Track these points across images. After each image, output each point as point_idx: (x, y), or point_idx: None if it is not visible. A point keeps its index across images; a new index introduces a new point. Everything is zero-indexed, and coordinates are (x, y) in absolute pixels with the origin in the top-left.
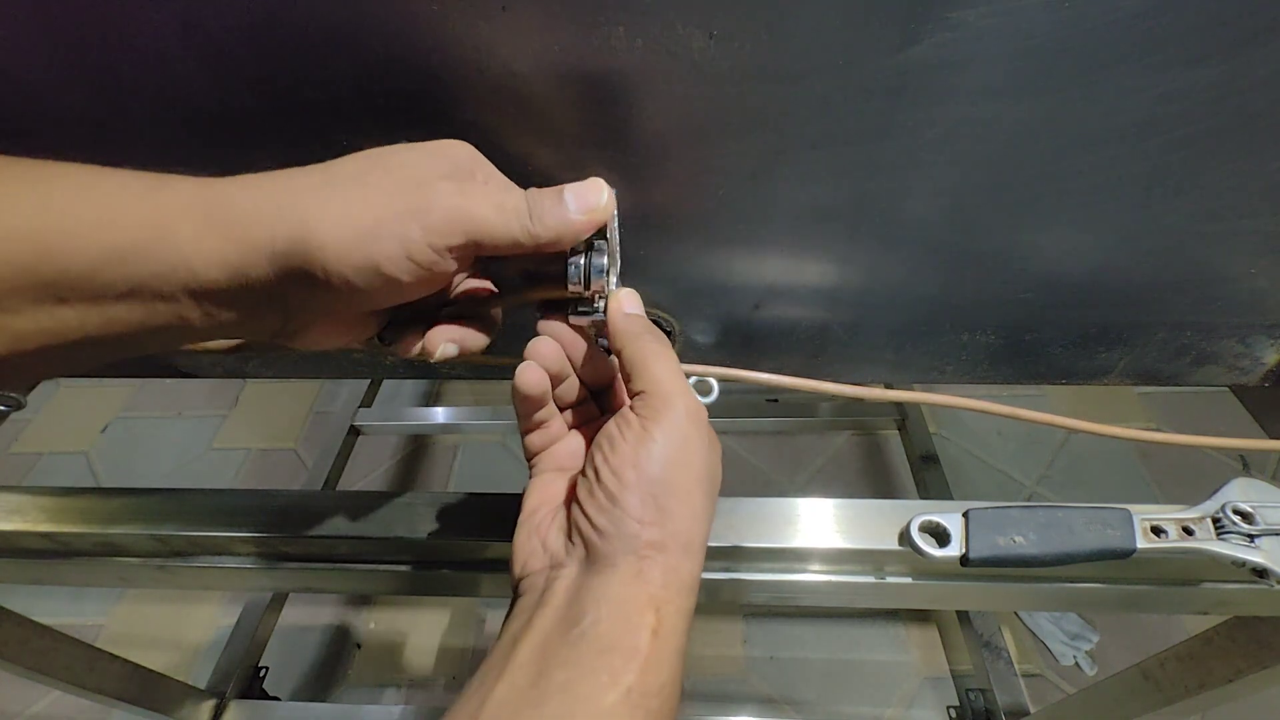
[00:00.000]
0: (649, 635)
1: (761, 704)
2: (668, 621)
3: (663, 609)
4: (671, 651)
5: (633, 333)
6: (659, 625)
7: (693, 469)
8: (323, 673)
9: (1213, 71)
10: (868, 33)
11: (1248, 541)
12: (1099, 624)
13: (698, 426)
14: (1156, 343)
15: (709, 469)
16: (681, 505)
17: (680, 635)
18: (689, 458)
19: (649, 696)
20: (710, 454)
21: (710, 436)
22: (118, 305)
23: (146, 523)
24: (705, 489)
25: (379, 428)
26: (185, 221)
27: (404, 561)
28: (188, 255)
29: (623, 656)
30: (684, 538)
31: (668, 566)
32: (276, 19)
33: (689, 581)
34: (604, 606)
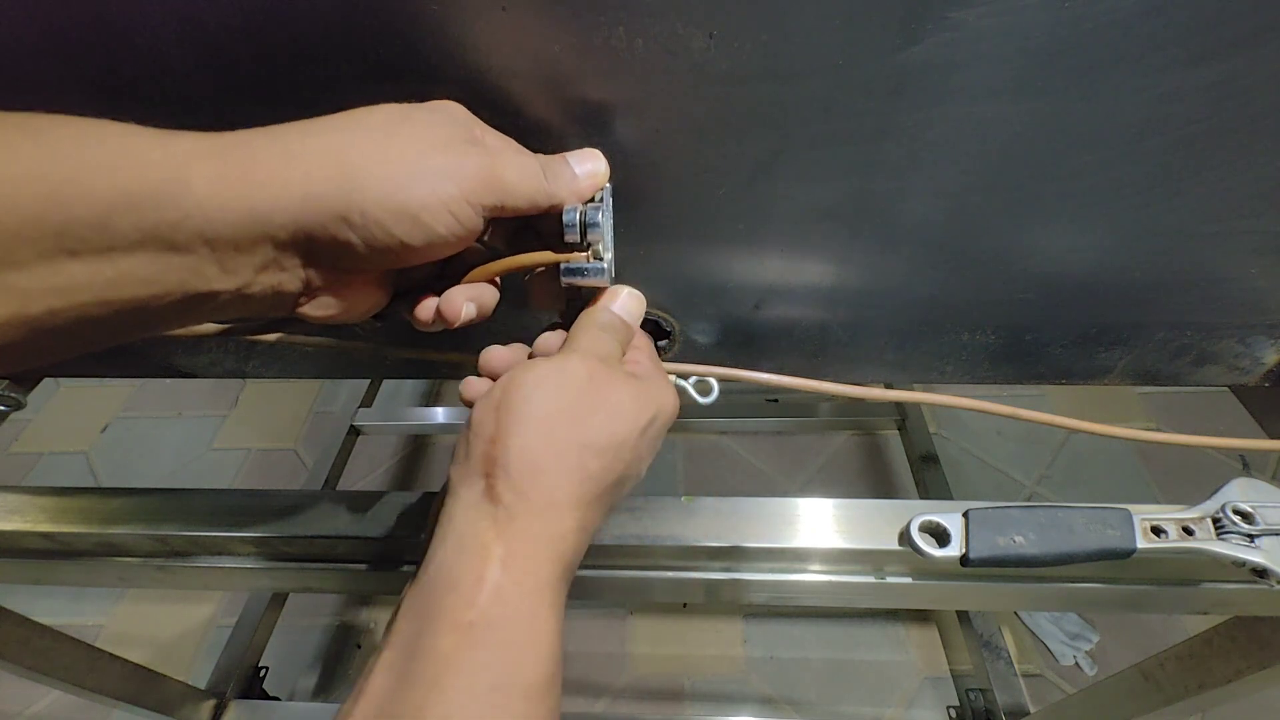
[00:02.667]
0: (495, 564)
1: (761, 704)
2: (518, 548)
3: (509, 533)
4: (533, 586)
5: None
6: (507, 553)
7: (562, 395)
8: (323, 673)
9: (1213, 71)
10: (868, 33)
11: (1248, 541)
12: (1099, 624)
13: (590, 370)
14: (1156, 343)
15: (591, 401)
16: (533, 425)
17: (545, 569)
18: (560, 385)
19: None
20: (599, 390)
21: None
22: (128, 258)
23: (146, 523)
24: (576, 417)
25: (379, 428)
26: (200, 165)
27: (404, 561)
28: (202, 200)
29: (463, 592)
30: (532, 457)
31: (511, 486)
32: (275, 19)
33: (544, 505)
34: (449, 541)
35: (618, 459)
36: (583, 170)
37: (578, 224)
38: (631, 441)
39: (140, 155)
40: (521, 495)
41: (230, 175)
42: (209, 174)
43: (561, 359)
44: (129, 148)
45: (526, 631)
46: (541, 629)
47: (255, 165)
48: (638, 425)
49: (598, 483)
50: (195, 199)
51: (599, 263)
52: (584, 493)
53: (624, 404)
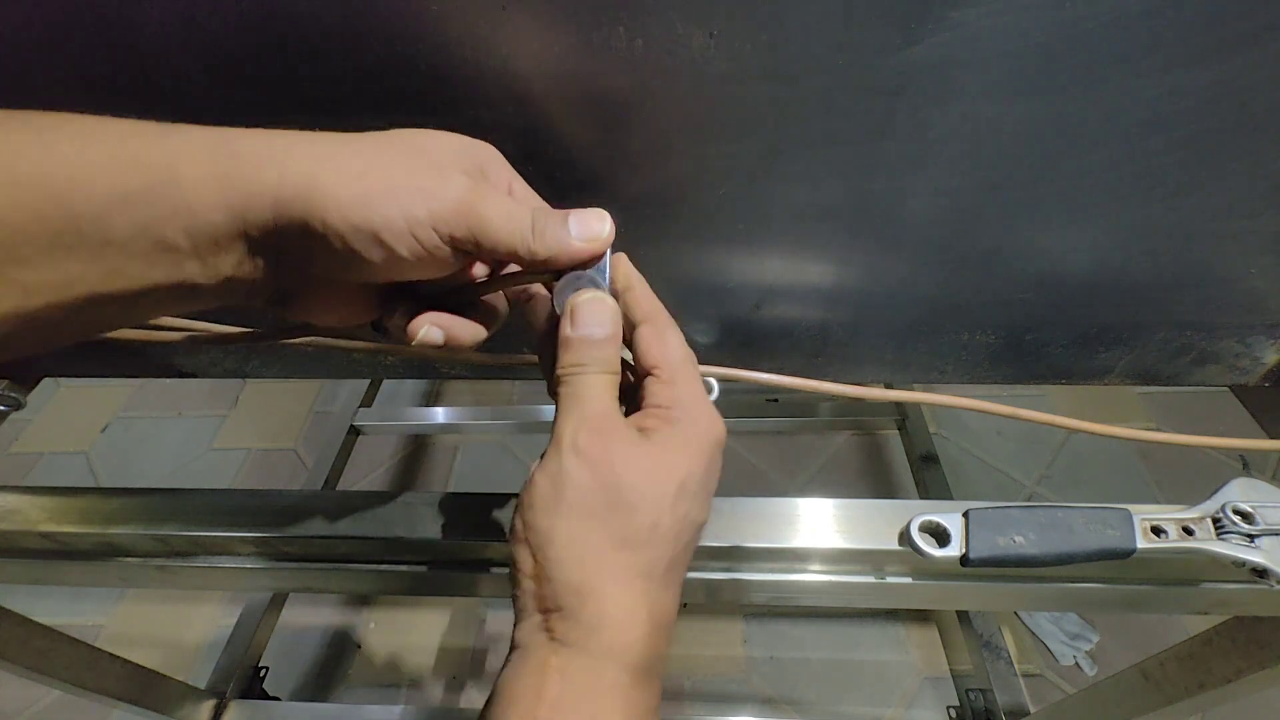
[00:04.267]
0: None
1: (761, 704)
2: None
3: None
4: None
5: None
6: (565, 665)
7: (574, 506)
8: (323, 673)
9: (1213, 71)
10: (868, 33)
11: (1248, 541)
12: (1099, 624)
13: (589, 461)
14: (1156, 343)
15: (607, 497)
16: (562, 550)
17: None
18: (569, 496)
19: None
20: (610, 482)
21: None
22: (121, 253)
23: (146, 523)
24: (599, 523)
25: (379, 428)
26: (190, 162)
27: (404, 561)
28: (190, 197)
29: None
30: (574, 584)
31: (565, 618)
32: (276, 18)
33: (601, 624)
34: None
35: (661, 543)
36: (580, 232)
37: (566, 311)
38: (667, 514)
39: (138, 154)
40: (577, 623)
41: (215, 173)
42: (197, 172)
43: (554, 459)
44: (128, 147)
45: None
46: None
47: (237, 165)
48: (666, 497)
49: (650, 575)
50: (183, 196)
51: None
52: (645, 590)
53: (643, 486)
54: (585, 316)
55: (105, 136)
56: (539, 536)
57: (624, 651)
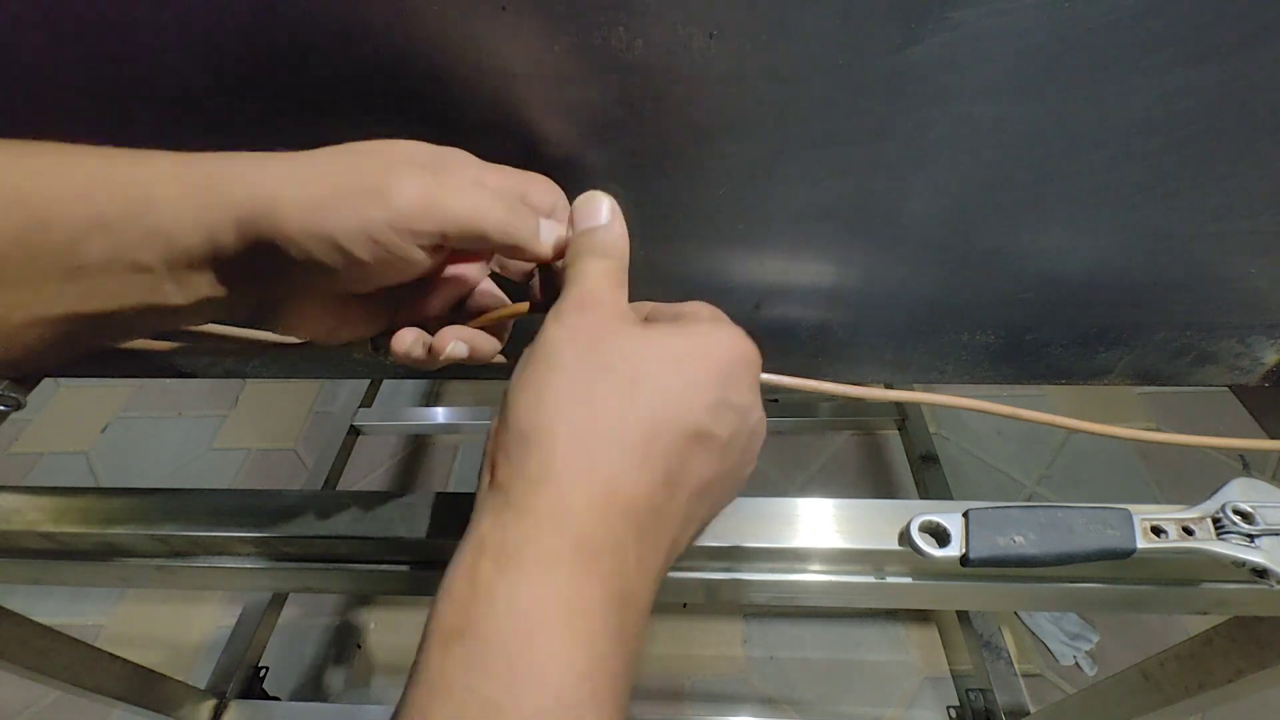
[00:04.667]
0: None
1: (761, 704)
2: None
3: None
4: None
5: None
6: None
7: (550, 355)
8: (323, 673)
9: (1213, 71)
10: (868, 33)
11: (1248, 541)
12: (1099, 624)
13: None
14: (1156, 343)
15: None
16: (524, 394)
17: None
18: (550, 345)
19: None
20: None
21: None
22: (97, 276)
23: (146, 523)
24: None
25: (379, 428)
26: (164, 186)
27: (404, 561)
28: (164, 221)
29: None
30: (525, 426)
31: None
32: (276, 19)
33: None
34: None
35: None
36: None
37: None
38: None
39: (115, 178)
40: (516, 471)
41: (188, 196)
42: (170, 194)
43: (548, 323)
44: (104, 172)
45: (527, 642)
46: (548, 646)
47: (208, 187)
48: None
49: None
50: (158, 220)
51: None
52: (596, 456)
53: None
54: (582, 213)
55: (83, 162)
56: (510, 390)
57: (567, 517)
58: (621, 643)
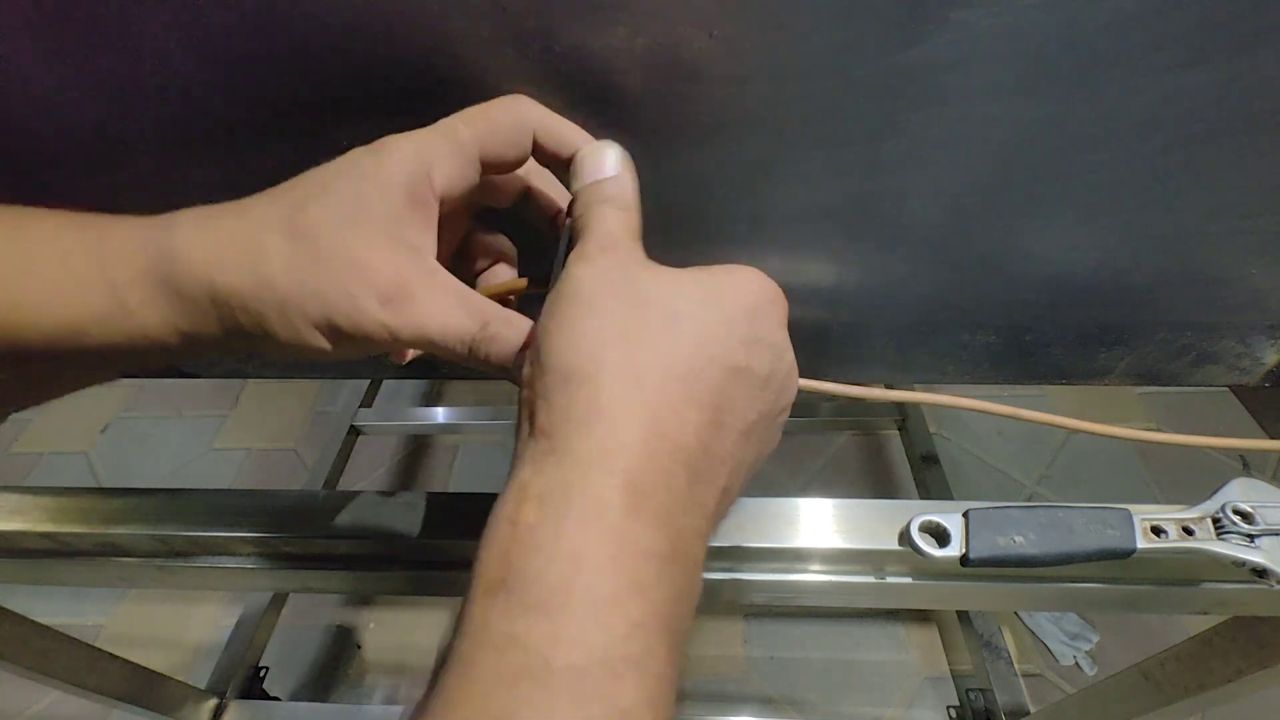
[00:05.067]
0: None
1: (761, 704)
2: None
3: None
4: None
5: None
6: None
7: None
8: (323, 673)
9: (1213, 71)
10: (868, 33)
11: (1248, 541)
12: (1099, 624)
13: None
14: (1157, 343)
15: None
16: (559, 335)
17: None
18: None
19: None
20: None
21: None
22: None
23: (146, 523)
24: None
25: (379, 428)
26: (133, 288)
27: (404, 561)
28: (141, 322)
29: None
30: (564, 366)
31: (550, 409)
32: (276, 19)
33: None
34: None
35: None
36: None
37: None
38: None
39: (79, 284)
40: (560, 414)
41: (159, 304)
42: (142, 302)
43: (561, 277)
44: (68, 276)
45: (567, 590)
46: (597, 592)
47: (176, 298)
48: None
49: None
50: (135, 323)
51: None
52: (644, 391)
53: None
54: (589, 165)
55: (45, 259)
56: (539, 332)
57: (615, 455)
58: (675, 592)
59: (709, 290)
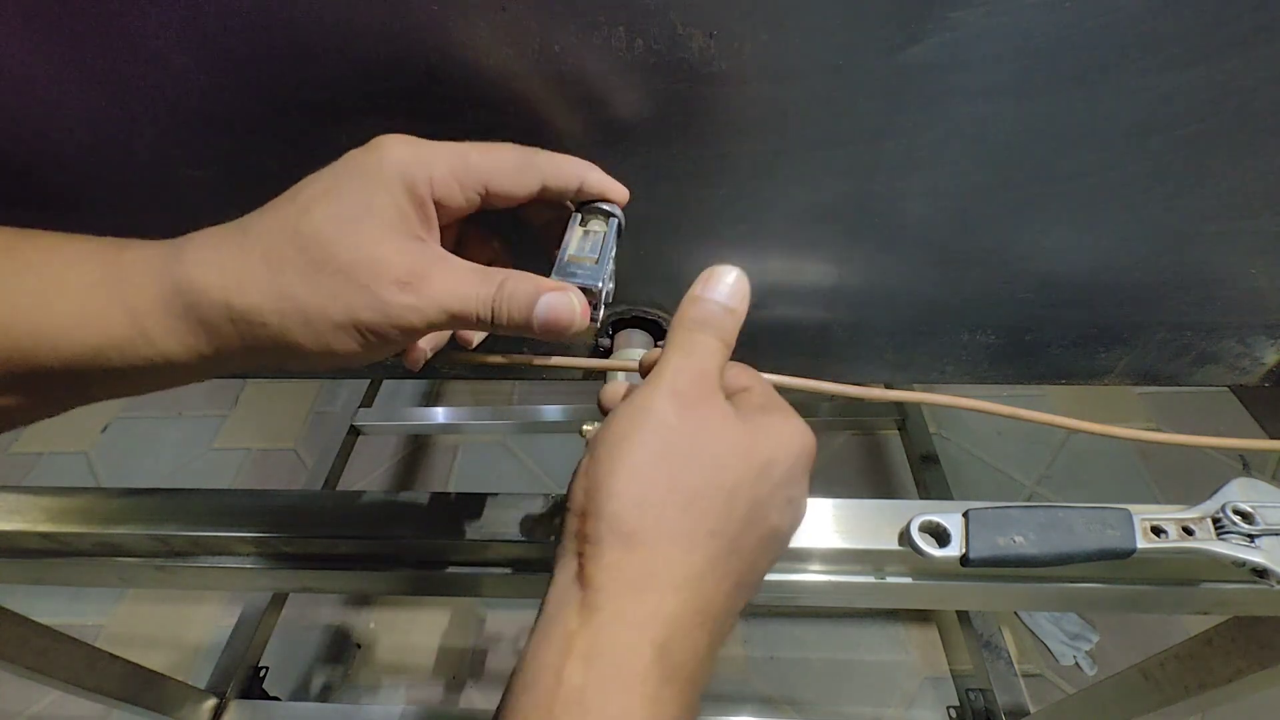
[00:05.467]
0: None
1: (761, 704)
2: (605, 637)
3: (597, 619)
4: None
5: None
6: (591, 646)
7: (649, 444)
8: (323, 673)
9: (1213, 71)
10: (868, 33)
11: (1248, 541)
12: (1099, 624)
13: (679, 401)
14: (1157, 343)
15: (687, 446)
16: (622, 487)
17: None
18: (647, 432)
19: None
20: (695, 432)
21: (707, 417)
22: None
23: (146, 523)
24: (671, 468)
25: (379, 428)
26: (153, 316)
27: (404, 561)
28: (162, 350)
29: (538, 695)
30: (625, 526)
31: (602, 564)
32: (276, 19)
33: (641, 582)
34: (537, 631)
35: (729, 518)
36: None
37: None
38: (746, 488)
39: (100, 311)
40: (613, 574)
41: (181, 331)
42: (164, 329)
43: (643, 394)
44: (89, 304)
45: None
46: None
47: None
48: (750, 470)
49: (709, 550)
50: (156, 350)
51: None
52: (698, 565)
53: (728, 448)
54: (725, 288)
55: (65, 286)
56: (600, 469)
57: (662, 627)
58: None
59: (767, 455)
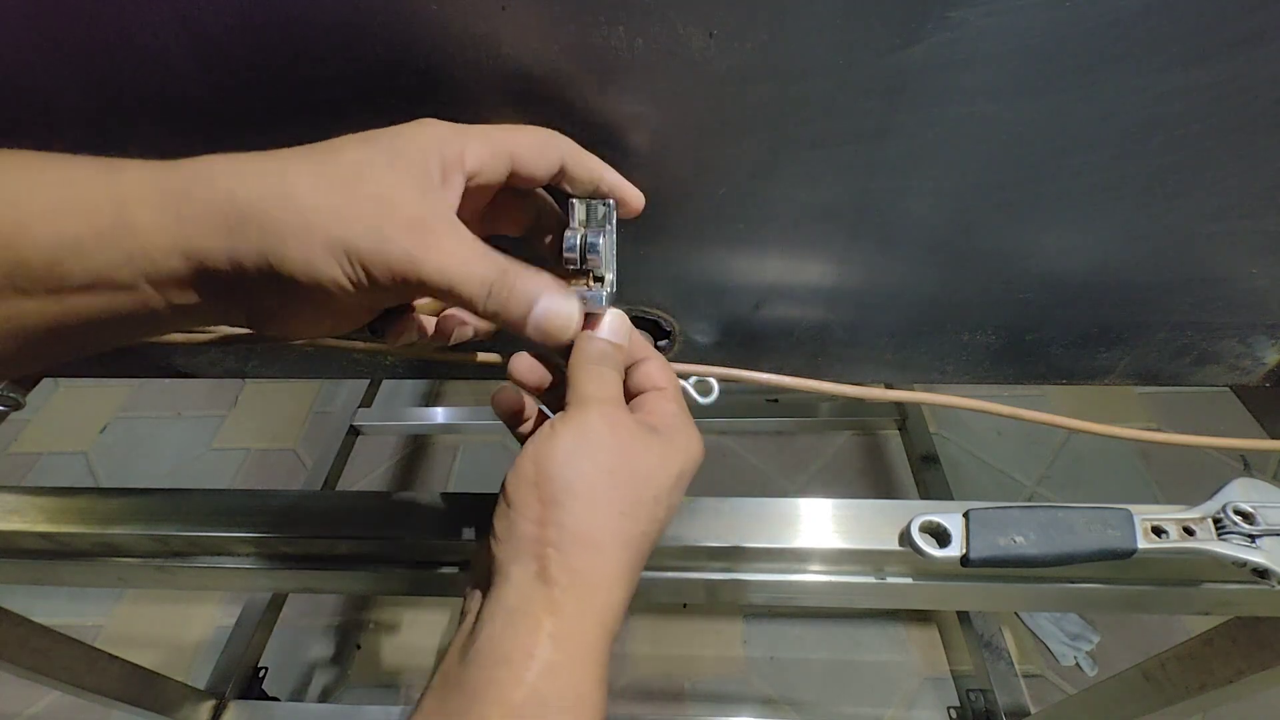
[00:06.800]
0: (546, 640)
1: (761, 704)
2: (570, 625)
3: (563, 612)
4: (582, 659)
5: (582, 351)
6: (559, 630)
7: (597, 462)
8: (323, 673)
9: (1213, 71)
10: (868, 33)
11: (1249, 542)
12: (1100, 624)
13: (612, 425)
14: (1157, 343)
15: (624, 463)
16: (578, 500)
17: (593, 641)
18: (592, 452)
19: (546, 711)
20: (628, 451)
21: (634, 438)
22: (79, 296)
23: (146, 523)
24: (614, 483)
25: (379, 428)
26: (141, 206)
27: (404, 561)
28: (145, 243)
29: (514, 668)
30: (583, 533)
31: (566, 566)
32: (276, 18)
33: (598, 581)
34: (499, 617)
35: (653, 521)
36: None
37: (577, 246)
38: (664, 501)
39: (84, 200)
40: (576, 575)
41: (167, 219)
42: (149, 218)
43: (580, 418)
44: (74, 192)
45: (576, 708)
46: (590, 704)
47: (188, 207)
48: (667, 483)
49: (638, 548)
50: (138, 243)
51: (596, 290)
52: (629, 562)
53: (653, 465)
54: (607, 329)
55: (51, 179)
56: (555, 484)
57: (610, 615)
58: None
59: (679, 469)
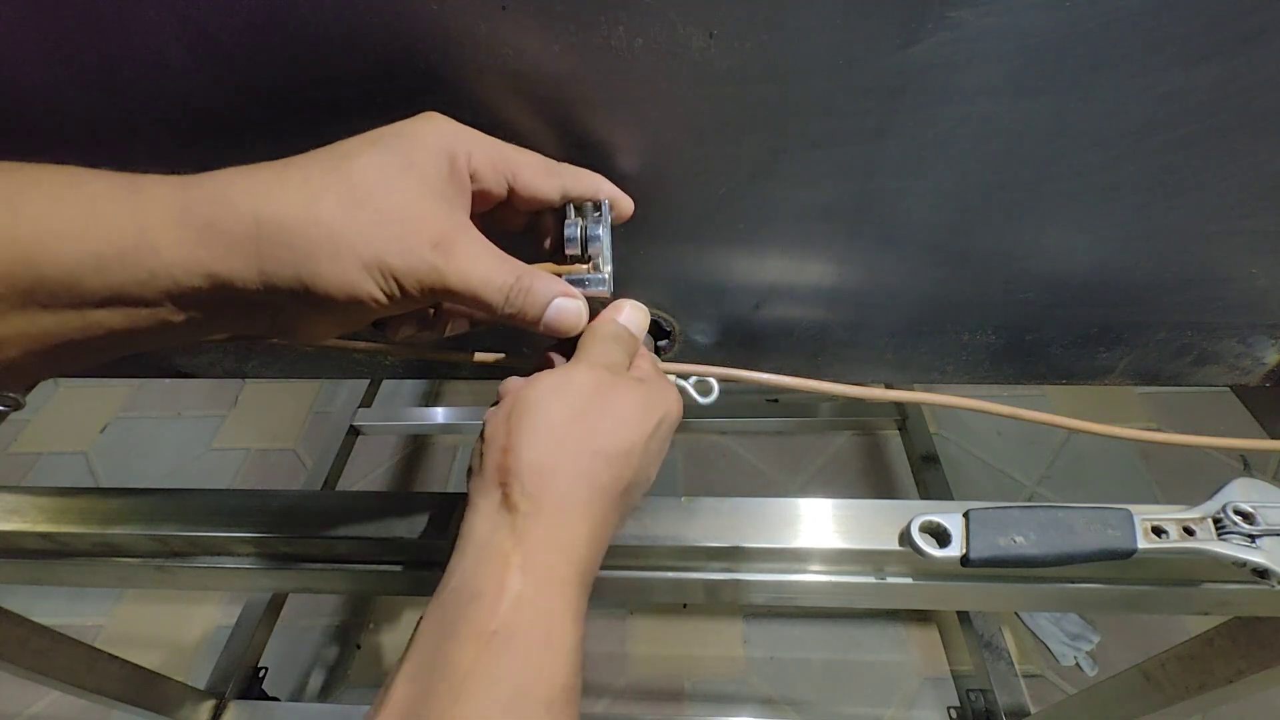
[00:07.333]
0: (516, 573)
1: (761, 704)
2: (536, 556)
3: (527, 540)
4: (549, 593)
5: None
6: (526, 561)
7: (568, 402)
8: (323, 673)
9: (1213, 71)
10: (868, 33)
11: (1249, 542)
12: (1100, 624)
13: (596, 378)
14: (1157, 343)
15: (596, 405)
16: (540, 431)
17: (562, 576)
18: (568, 394)
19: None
20: (605, 397)
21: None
22: (99, 311)
23: (146, 523)
24: (584, 421)
25: (379, 428)
26: (164, 228)
27: (404, 561)
28: (168, 262)
29: (486, 601)
30: (541, 461)
31: (525, 493)
32: (276, 19)
33: (557, 508)
34: (469, 553)
35: (627, 465)
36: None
37: (578, 238)
38: (640, 447)
39: (107, 218)
40: (535, 501)
41: (189, 240)
42: (170, 239)
43: (569, 369)
44: (96, 209)
45: (546, 640)
46: (561, 637)
47: (212, 229)
48: (645, 430)
49: (608, 490)
50: (161, 262)
51: (600, 274)
52: (595, 498)
53: (631, 410)
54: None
55: (73, 197)
56: (524, 419)
57: (573, 546)
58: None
59: (659, 416)
